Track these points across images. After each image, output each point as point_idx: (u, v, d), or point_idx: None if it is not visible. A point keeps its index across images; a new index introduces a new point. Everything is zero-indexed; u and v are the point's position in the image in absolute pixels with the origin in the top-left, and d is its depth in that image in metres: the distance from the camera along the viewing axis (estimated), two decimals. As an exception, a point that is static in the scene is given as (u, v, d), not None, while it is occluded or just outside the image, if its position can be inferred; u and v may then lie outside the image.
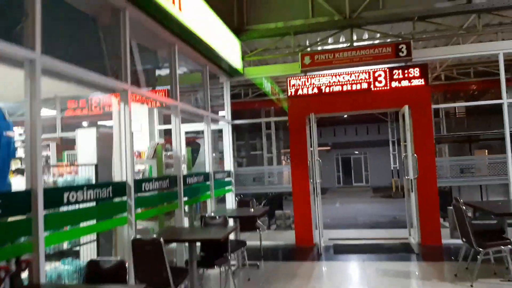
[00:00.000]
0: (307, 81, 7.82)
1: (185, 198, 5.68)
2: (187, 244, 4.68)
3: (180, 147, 5.50)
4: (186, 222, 6.17)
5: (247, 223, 6.77)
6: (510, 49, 6.81)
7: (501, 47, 6.81)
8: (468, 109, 19.78)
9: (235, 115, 8.51)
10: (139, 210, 4.50)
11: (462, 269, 5.45)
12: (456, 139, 12.64)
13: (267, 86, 10.87)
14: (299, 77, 7.85)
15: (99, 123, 9.01)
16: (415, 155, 6.82)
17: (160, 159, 5.30)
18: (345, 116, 20.72)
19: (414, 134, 7.07)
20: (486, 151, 12.36)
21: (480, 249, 4.80)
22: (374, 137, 25.91)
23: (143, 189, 4.56)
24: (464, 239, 5.17)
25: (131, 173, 4.27)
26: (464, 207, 5.03)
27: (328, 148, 27.55)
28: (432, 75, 11.68)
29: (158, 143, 5.42)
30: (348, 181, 27.96)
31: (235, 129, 20.06)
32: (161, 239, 3.78)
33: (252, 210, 6.16)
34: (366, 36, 8.37)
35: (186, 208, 6.68)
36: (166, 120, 8.68)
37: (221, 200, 8.04)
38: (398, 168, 22.51)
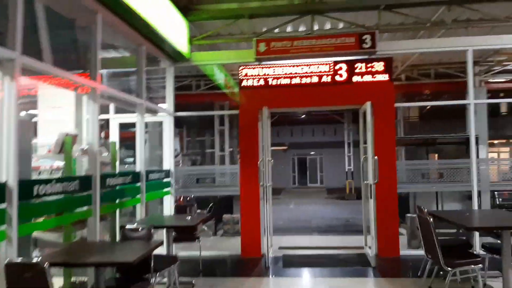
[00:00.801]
0: (261, 71, 6.94)
1: (107, 203, 4.60)
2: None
3: (97, 139, 4.40)
4: (112, 233, 5.07)
5: (183, 233, 5.78)
6: (480, 46, 6.33)
7: (471, 43, 6.29)
8: (421, 113, 19.92)
9: (184, 109, 7.51)
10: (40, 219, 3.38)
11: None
12: (414, 142, 12.34)
13: (220, 77, 9.88)
14: (252, 66, 6.95)
15: None
16: (376, 157, 6.15)
17: (69, 154, 4.19)
18: (303, 116, 20.21)
19: (375, 134, 6.40)
20: (436, 155, 12.18)
21: (449, 268, 4.15)
22: (330, 138, 25.71)
23: (37, 193, 3.44)
24: (429, 256, 4.52)
25: (13, 172, 3.15)
26: (430, 219, 4.35)
27: (285, 147, 27.05)
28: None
29: (67, 135, 4.29)
30: (303, 181, 27.61)
31: (188, 124, 18.89)
32: (46, 264, 2.72)
33: (189, 217, 5.17)
34: (328, 26, 7.62)
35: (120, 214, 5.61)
36: (104, 110, 7.48)
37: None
38: (352, 170, 22.36)
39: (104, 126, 7.32)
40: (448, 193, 10.40)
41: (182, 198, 10.60)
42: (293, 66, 6.90)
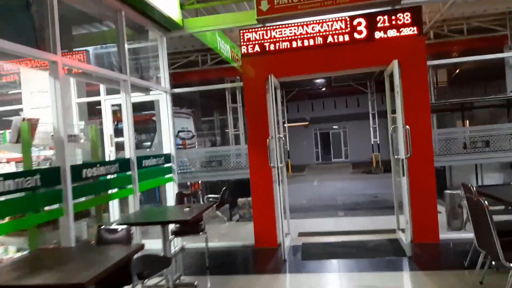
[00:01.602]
0: (266, 34, 5.95)
1: (88, 198, 3.88)
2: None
3: (63, 124, 3.62)
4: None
5: (185, 226, 5.03)
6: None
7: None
8: (450, 78, 18.31)
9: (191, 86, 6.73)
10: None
11: (475, 284, 3.89)
12: (447, 108, 11.09)
13: (225, 49, 8.93)
14: (255, 29, 5.97)
15: None
16: (407, 127, 5.14)
17: (27, 142, 3.45)
18: (322, 88, 18.99)
19: (405, 99, 5.37)
20: (467, 122, 10.93)
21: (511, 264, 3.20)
22: (353, 110, 24.39)
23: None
24: (482, 247, 3.58)
25: None
26: (484, 202, 3.36)
27: (306, 123, 25.95)
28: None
29: (24, 119, 3.54)
30: (327, 157, 26.55)
31: (200, 104, 18.05)
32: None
33: (188, 209, 4.39)
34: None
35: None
36: (91, 92, 6.74)
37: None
38: (378, 142, 21.14)
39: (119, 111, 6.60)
40: (486, 165, 9.24)
41: (197, 184, 9.92)
42: (302, 25, 5.86)
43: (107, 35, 6.57)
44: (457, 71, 16.38)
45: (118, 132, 6.16)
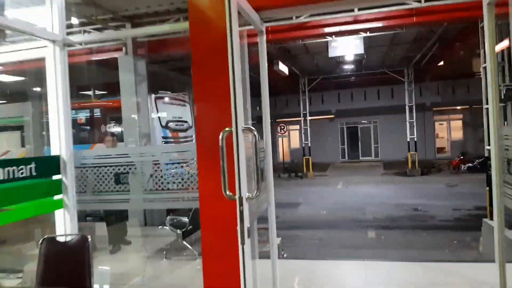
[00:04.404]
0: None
1: None
2: None
3: None
4: None
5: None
6: None
7: None
8: None
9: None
10: None
11: None
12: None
13: None
14: None
15: None
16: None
17: None
18: (351, 77, 16.17)
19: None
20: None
21: None
22: (386, 102, 21.38)
23: None
24: None
25: None
26: None
27: (331, 116, 23.14)
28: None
29: None
30: (355, 154, 23.66)
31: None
32: None
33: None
34: None
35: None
36: None
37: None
38: (415, 139, 18.14)
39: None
40: None
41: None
42: None
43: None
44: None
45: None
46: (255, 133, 2.24)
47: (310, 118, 20.13)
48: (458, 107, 21.44)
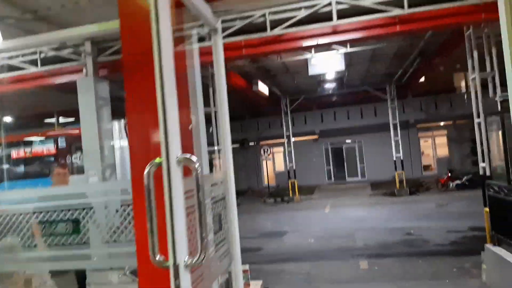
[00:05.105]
0: None
1: None
2: None
3: None
4: None
5: None
6: None
7: None
8: None
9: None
10: None
11: None
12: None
13: None
14: None
15: None
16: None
17: None
18: (327, 86, 15.74)
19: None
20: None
21: None
22: (370, 121, 21.01)
23: None
24: None
25: None
26: None
27: (316, 136, 22.63)
28: None
29: None
30: (341, 175, 23.04)
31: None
32: None
33: None
34: None
35: None
36: None
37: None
38: (402, 158, 17.68)
39: None
40: None
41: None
42: None
43: None
44: None
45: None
46: (197, 165, 1.53)
47: (293, 139, 19.56)
48: (442, 123, 21.22)
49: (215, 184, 2.10)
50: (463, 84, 20.69)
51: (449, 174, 17.23)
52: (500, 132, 5.07)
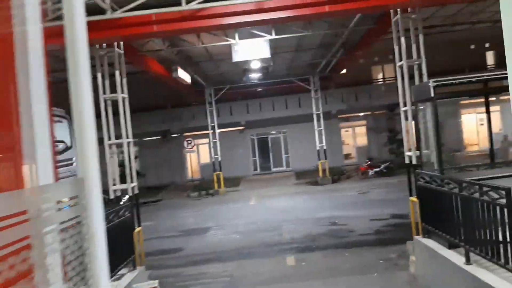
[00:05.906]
0: None
1: None
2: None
3: None
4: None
5: None
6: None
7: None
8: None
9: None
10: None
11: None
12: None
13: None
14: None
15: None
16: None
17: None
18: (252, 75, 15.34)
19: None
20: None
21: None
22: (294, 112, 21.07)
23: None
24: None
25: None
26: None
27: (242, 128, 22.16)
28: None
29: None
30: (266, 166, 22.94)
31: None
32: None
33: None
34: None
35: None
36: None
37: None
38: (325, 147, 17.99)
39: None
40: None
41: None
42: None
43: None
44: None
45: None
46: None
47: (219, 130, 18.87)
48: (361, 114, 22.07)
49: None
50: (380, 76, 21.83)
51: (368, 162, 17.93)
52: (432, 119, 4.93)
